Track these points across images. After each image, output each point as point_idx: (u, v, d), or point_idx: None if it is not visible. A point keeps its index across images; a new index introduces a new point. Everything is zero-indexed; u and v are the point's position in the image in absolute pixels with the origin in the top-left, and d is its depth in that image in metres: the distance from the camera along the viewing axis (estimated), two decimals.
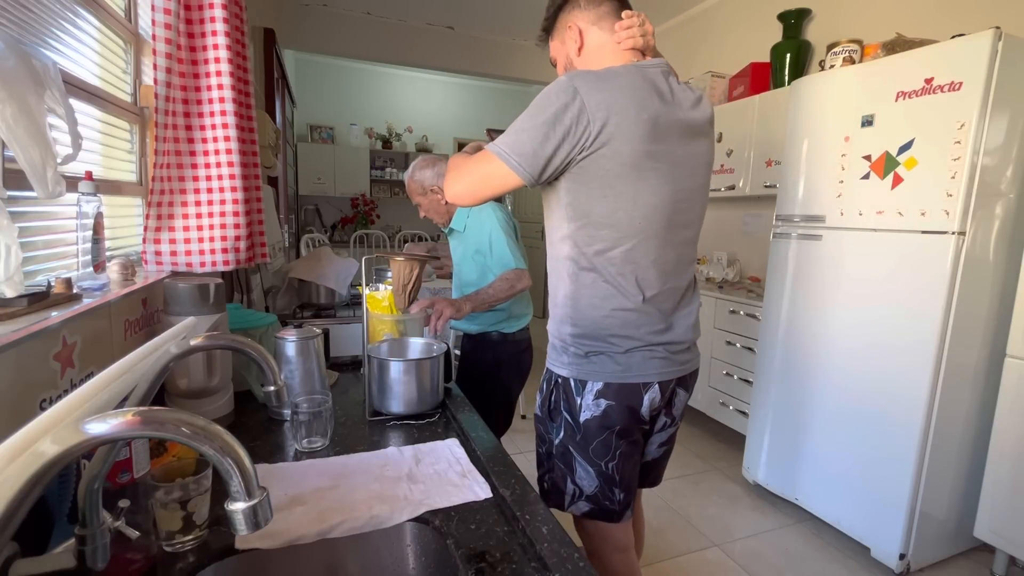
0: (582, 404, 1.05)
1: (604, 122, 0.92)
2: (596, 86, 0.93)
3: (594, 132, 0.92)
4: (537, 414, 1.17)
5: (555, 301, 1.09)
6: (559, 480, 1.12)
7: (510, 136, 0.97)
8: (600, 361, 1.03)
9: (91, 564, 0.52)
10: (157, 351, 0.66)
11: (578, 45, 1.09)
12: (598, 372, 1.03)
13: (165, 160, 1.21)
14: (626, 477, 1.09)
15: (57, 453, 0.38)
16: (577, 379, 1.05)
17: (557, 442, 1.11)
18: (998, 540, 1.78)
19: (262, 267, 1.99)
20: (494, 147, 0.99)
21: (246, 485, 0.41)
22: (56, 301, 0.76)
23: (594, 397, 1.04)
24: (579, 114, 0.92)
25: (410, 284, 1.42)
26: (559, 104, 0.93)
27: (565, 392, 1.08)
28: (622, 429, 1.05)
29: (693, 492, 2.38)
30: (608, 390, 1.03)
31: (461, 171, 1.04)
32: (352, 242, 5.33)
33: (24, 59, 0.69)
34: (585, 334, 1.03)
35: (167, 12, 1.15)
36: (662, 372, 1.05)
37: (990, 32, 1.59)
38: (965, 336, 1.75)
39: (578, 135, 0.93)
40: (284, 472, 0.89)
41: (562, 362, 1.08)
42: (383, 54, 4.36)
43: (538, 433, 1.18)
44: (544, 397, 1.14)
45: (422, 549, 0.79)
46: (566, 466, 1.10)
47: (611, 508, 1.09)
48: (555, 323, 1.09)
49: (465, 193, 1.04)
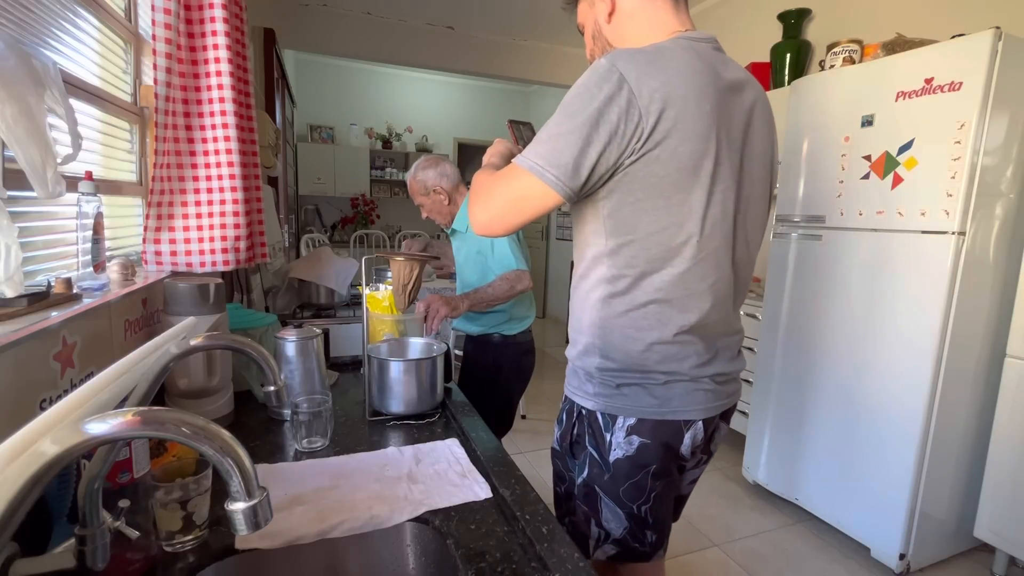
0: (612, 441, 0.89)
1: (659, 116, 0.74)
2: (647, 70, 0.75)
3: (647, 129, 0.75)
4: (555, 448, 1.02)
5: (578, 327, 0.93)
6: (581, 523, 0.96)
7: (544, 144, 0.78)
8: (633, 394, 0.87)
9: (91, 564, 0.52)
10: (157, 351, 0.66)
11: (609, 9, 0.90)
12: (631, 407, 0.87)
13: (165, 160, 1.21)
14: (660, 518, 0.95)
15: (57, 453, 0.38)
16: (606, 413, 0.89)
17: (580, 481, 0.95)
18: (998, 540, 1.78)
19: (262, 267, 1.99)
20: (525, 160, 0.80)
21: (246, 485, 0.41)
22: (56, 301, 0.76)
23: (626, 434, 0.88)
24: (628, 108, 0.74)
25: (410, 284, 1.42)
26: (602, 97, 0.74)
27: (591, 426, 0.92)
28: (659, 470, 0.90)
29: (693, 492, 2.37)
30: (642, 427, 0.87)
31: (487, 196, 0.85)
32: (352, 242, 5.33)
33: (24, 59, 0.69)
34: (618, 369, 0.87)
35: (167, 12, 1.15)
36: (708, 407, 0.89)
37: (990, 32, 1.59)
38: (965, 336, 1.75)
39: (627, 135, 0.75)
40: (284, 472, 0.89)
41: (586, 392, 0.92)
42: (383, 54, 4.36)
43: (556, 471, 1.03)
44: (564, 430, 0.97)
45: (422, 549, 0.79)
46: (590, 508, 0.94)
47: (641, 550, 0.95)
48: (577, 351, 0.93)
49: (494, 222, 0.84)
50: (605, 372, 0.88)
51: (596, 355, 0.89)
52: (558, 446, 1.00)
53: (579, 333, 0.93)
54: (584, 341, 0.91)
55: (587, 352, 0.90)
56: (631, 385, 0.87)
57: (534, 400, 3.45)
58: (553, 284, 6.07)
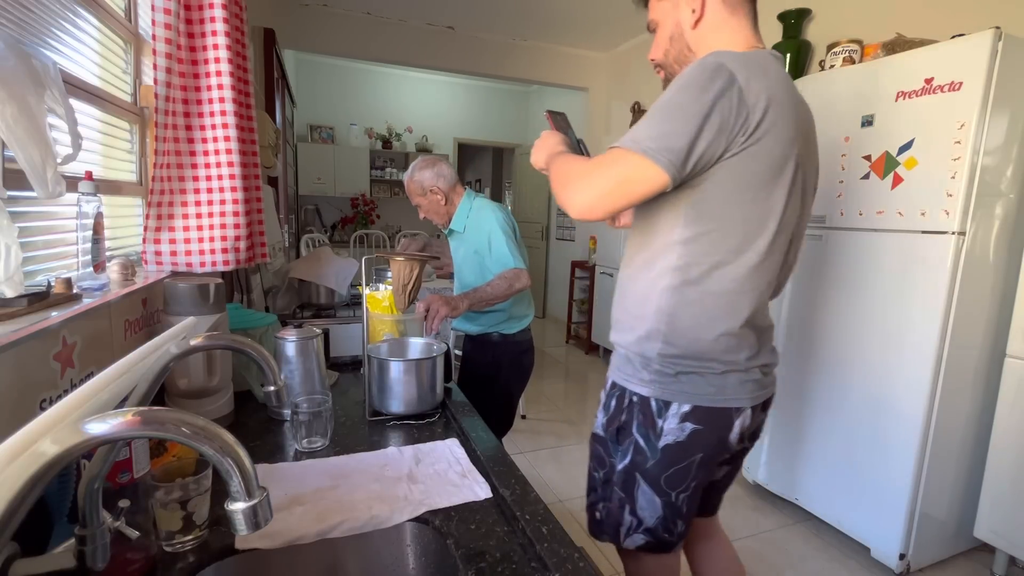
0: (663, 428, 0.92)
1: (763, 115, 0.80)
2: (753, 72, 0.80)
3: (751, 126, 0.80)
4: (598, 434, 1.03)
5: (639, 313, 0.94)
6: (615, 510, 0.99)
7: (653, 128, 0.80)
8: (691, 381, 0.91)
9: (91, 564, 0.52)
10: (157, 351, 0.66)
11: (697, 16, 0.93)
12: (687, 393, 0.91)
13: (165, 160, 1.21)
14: (692, 508, 0.98)
15: (57, 453, 0.38)
16: (660, 399, 0.92)
17: (621, 467, 0.98)
18: (998, 540, 1.78)
19: (262, 267, 1.99)
20: (634, 144, 0.81)
21: (246, 485, 0.41)
22: (56, 301, 0.76)
23: (679, 420, 0.91)
24: (738, 104, 0.78)
25: (410, 284, 1.42)
26: (715, 91, 0.78)
27: (643, 412, 0.94)
28: (705, 458, 0.93)
29: None
30: (697, 414, 0.91)
31: (585, 178, 0.85)
32: (352, 242, 5.33)
33: (24, 59, 0.69)
34: (682, 355, 0.90)
35: (167, 12, 1.15)
36: (755, 396, 0.94)
37: (990, 32, 1.59)
38: (965, 336, 1.75)
39: (735, 129, 0.79)
40: (284, 472, 0.89)
41: (641, 379, 0.94)
42: (383, 54, 4.36)
43: (595, 455, 1.04)
44: (610, 416, 0.99)
45: (422, 549, 0.79)
46: (627, 494, 0.98)
47: (669, 540, 0.99)
48: (635, 337, 0.94)
49: (595, 204, 0.83)
50: (666, 358, 0.91)
51: (659, 341, 0.91)
52: (602, 432, 1.02)
53: (639, 319, 0.94)
54: (646, 327, 0.92)
55: (648, 338, 0.92)
56: (690, 373, 0.90)
57: (534, 400, 3.45)
58: (553, 284, 6.06)
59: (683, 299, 0.89)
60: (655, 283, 0.91)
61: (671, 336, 0.90)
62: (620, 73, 4.79)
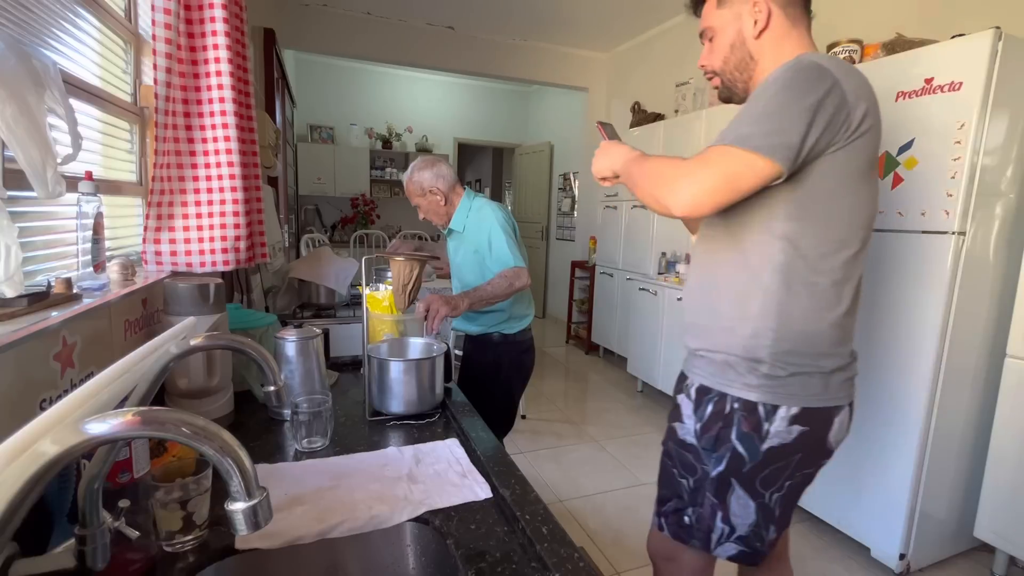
0: (770, 431, 0.91)
1: (864, 114, 0.84)
2: (847, 73, 0.84)
3: (853, 123, 0.84)
4: (689, 442, 1.01)
5: (737, 313, 0.94)
6: (707, 517, 0.98)
7: (759, 126, 0.82)
8: (803, 382, 0.90)
9: (91, 564, 0.52)
10: (157, 351, 0.66)
11: (761, 27, 0.95)
12: (797, 395, 0.90)
13: (165, 160, 1.21)
14: (786, 513, 0.97)
15: (57, 453, 0.38)
16: (769, 403, 0.91)
17: (715, 474, 0.96)
18: (998, 540, 1.78)
19: (262, 267, 1.99)
20: (741, 141, 0.83)
21: (246, 485, 0.41)
22: (56, 301, 0.76)
23: (788, 423, 0.90)
24: (841, 102, 0.82)
25: (410, 284, 1.42)
26: (822, 89, 0.81)
27: (747, 418, 0.92)
28: (805, 458, 0.93)
29: None
30: (804, 415, 0.90)
31: (691, 175, 0.85)
32: (352, 242, 5.33)
33: (24, 59, 0.69)
34: (793, 350, 0.90)
35: (167, 12, 1.15)
36: (850, 393, 0.96)
37: (990, 32, 1.59)
38: (965, 336, 1.75)
39: (839, 125, 0.83)
40: (284, 472, 0.89)
41: (747, 383, 0.92)
42: (383, 54, 4.36)
43: (683, 463, 1.02)
44: (705, 423, 0.97)
45: (422, 549, 0.79)
46: (719, 500, 0.96)
47: (760, 550, 0.97)
48: (734, 339, 0.93)
49: (704, 199, 0.84)
50: (778, 356, 0.90)
51: (769, 339, 0.90)
52: (694, 440, 0.99)
53: (741, 320, 0.93)
54: (751, 327, 0.92)
55: (756, 337, 0.91)
56: (801, 374, 0.90)
57: (534, 400, 3.45)
58: (553, 284, 6.06)
59: (791, 293, 0.89)
60: (755, 280, 0.91)
61: (782, 332, 0.90)
62: (620, 73, 4.79)
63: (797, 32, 0.97)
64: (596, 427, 3.09)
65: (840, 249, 0.89)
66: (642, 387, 3.69)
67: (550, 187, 6.01)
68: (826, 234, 0.88)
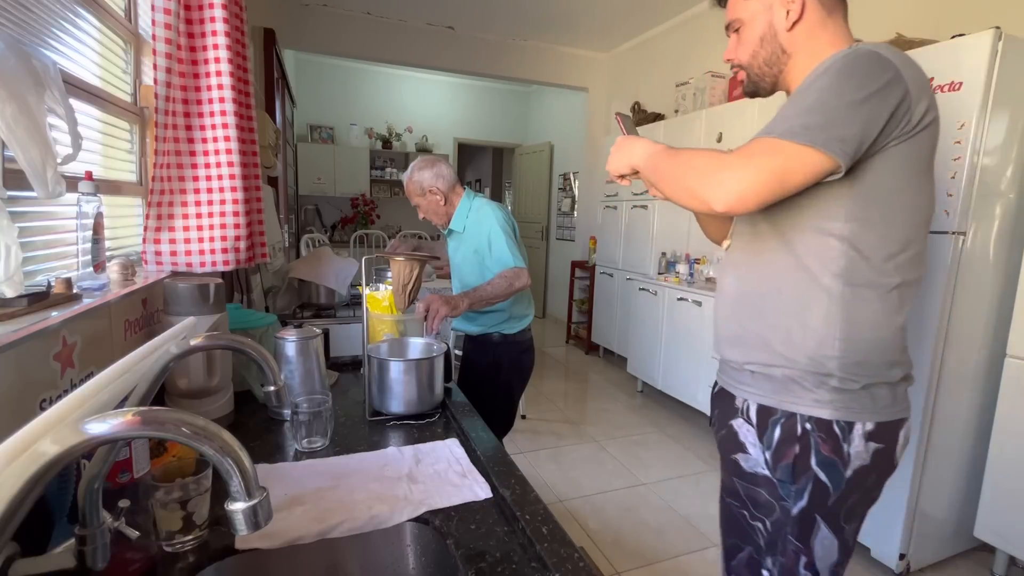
0: (851, 452, 0.82)
1: (928, 105, 0.78)
2: (907, 63, 0.78)
3: (916, 116, 0.77)
4: (761, 474, 0.88)
5: (796, 323, 0.85)
6: (791, 564, 0.86)
7: (816, 116, 0.75)
8: (877, 394, 0.83)
9: (91, 564, 0.52)
10: (157, 351, 0.66)
11: (794, 18, 0.88)
12: (871, 408, 0.82)
13: (165, 160, 1.21)
14: (853, 546, 0.89)
15: (57, 453, 0.38)
16: (843, 420, 0.82)
17: (797, 511, 0.84)
18: (998, 540, 1.78)
19: (262, 267, 1.99)
20: (793, 134, 0.75)
21: (246, 485, 0.41)
22: (56, 301, 0.76)
23: (864, 440, 0.82)
24: (905, 94, 0.76)
25: (410, 284, 1.42)
26: (883, 79, 0.75)
27: (825, 439, 0.83)
28: (879, 479, 0.85)
29: (693, 492, 2.38)
30: (878, 431, 0.83)
31: (734, 168, 0.78)
32: (352, 242, 5.33)
33: (24, 59, 0.69)
34: (864, 360, 0.82)
35: (167, 12, 1.15)
36: (911, 403, 0.89)
37: (990, 32, 1.59)
38: (965, 336, 1.75)
39: (900, 118, 0.77)
40: (284, 472, 0.89)
41: (818, 399, 0.83)
42: (383, 54, 4.36)
43: (756, 501, 0.90)
44: (779, 451, 0.85)
45: (422, 549, 0.79)
46: (804, 544, 0.85)
47: None
48: (797, 352, 0.84)
49: (750, 193, 0.76)
50: (849, 368, 0.82)
51: (836, 350, 0.82)
52: (767, 471, 0.87)
53: (803, 331, 0.84)
54: (815, 338, 0.83)
55: (821, 347, 0.83)
56: (872, 385, 0.83)
57: (534, 400, 3.45)
58: (553, 284, 6.06)
59: (857, 298, 0.82)
60: (815, 285, 0.83)
61: (850, 341, 0.82)
62: (620, 73, 4.79)
63: (833, 22, 0.90)
64: (596, 427, 3.09)
65: (905, 248, 0.82)
66: (642, 387, 3.69)
67: (550, 187, 6.01)
68: (891, 233, 0.81)
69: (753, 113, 2.86)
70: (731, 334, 0.94)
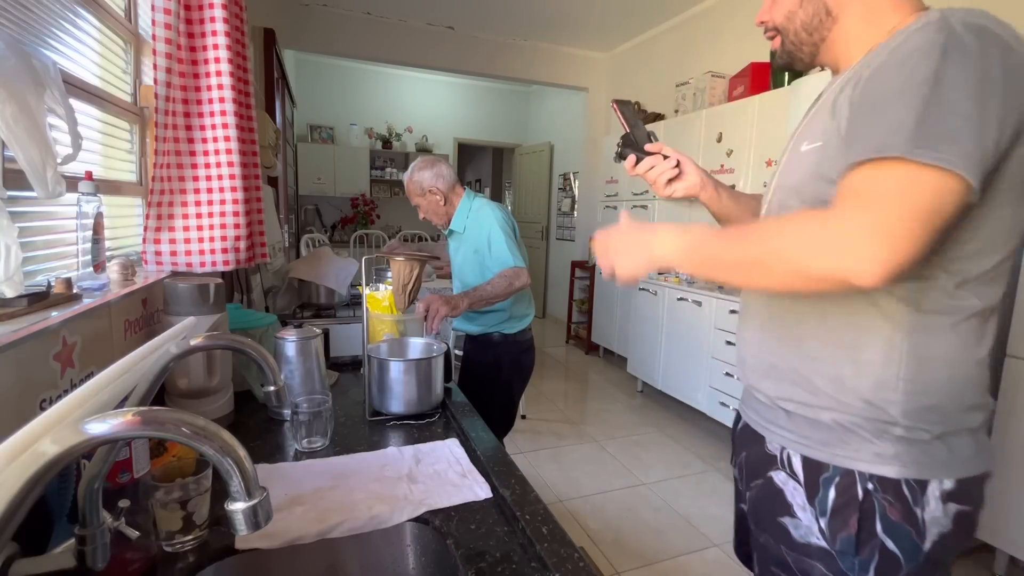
0: (925, 519, 0.65)
1: None
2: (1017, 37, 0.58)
3: None
4: (816, 545, 0.71)
5: (851, 355, 0.68)
6: None
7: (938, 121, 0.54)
8: (954, 444, 0.66)
9: (91, 564, 0.52)
10: (157, 351, 0.66)
11: None
12: (948, 463, 0.66)
13: (165, 160, 1.21)
14: None
15: (57, 453, 0.38)
16: (914, 479, 0.66)
17: None
18: (998, 540, 1.78)
19: (262, 267, 1.99)
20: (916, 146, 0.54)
21: (246, 485, 0.41)
22: (56, 301, 0.76)
23: (942, 502, 0.66)
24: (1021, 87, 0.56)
25: (410, 284, 1.42)
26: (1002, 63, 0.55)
27: (893, 502, 0.66)
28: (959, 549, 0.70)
29: (693, 492, 2.38)
30: (960, 489, 0.66)
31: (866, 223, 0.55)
32: (352, 242, 5.33)
33: (24, 59, 0.69)
34: (936, 406, 0.65)
35: (167, 12, 1.15)
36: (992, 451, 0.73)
37: None
38: None
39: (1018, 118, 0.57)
40: (284, 472, 0.89)
41: (880, 453, 0.66)
42: (383, 54, 4.37)
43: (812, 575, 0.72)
44: (833, 513, 0.69)
45: (422, 549, 0.79)
46: None
47: None
48: (846, 390, 0.68)
49: (902, 254, 0.54)
50: (916, 415, 0.65)
51: (899, 391, 0.65)
52: (822, 542, 0.70)
53: (855, 364, 0.67)
54: (873, 376, 0.66)
55: (881, 388, 0.66)
56: (949, 434, 0.66)
57: (534, 400, 3.45)
58: (553, 284, 6.06)
59: (930, 328, 0.65)
60: (871, 309, 0.66)
61: (918, 381, 0.65)
62: (620, 73, 4.79)
63: None
64: (596, 427, 3.09)
65: (996, 271, 0.66)
66: (642, 387, 3.69)
67: (550, 187, 6.01)
68: (982, 255, 0.64)
69: (753, 113, 2.86)
70: (760, 361, 0.77)
